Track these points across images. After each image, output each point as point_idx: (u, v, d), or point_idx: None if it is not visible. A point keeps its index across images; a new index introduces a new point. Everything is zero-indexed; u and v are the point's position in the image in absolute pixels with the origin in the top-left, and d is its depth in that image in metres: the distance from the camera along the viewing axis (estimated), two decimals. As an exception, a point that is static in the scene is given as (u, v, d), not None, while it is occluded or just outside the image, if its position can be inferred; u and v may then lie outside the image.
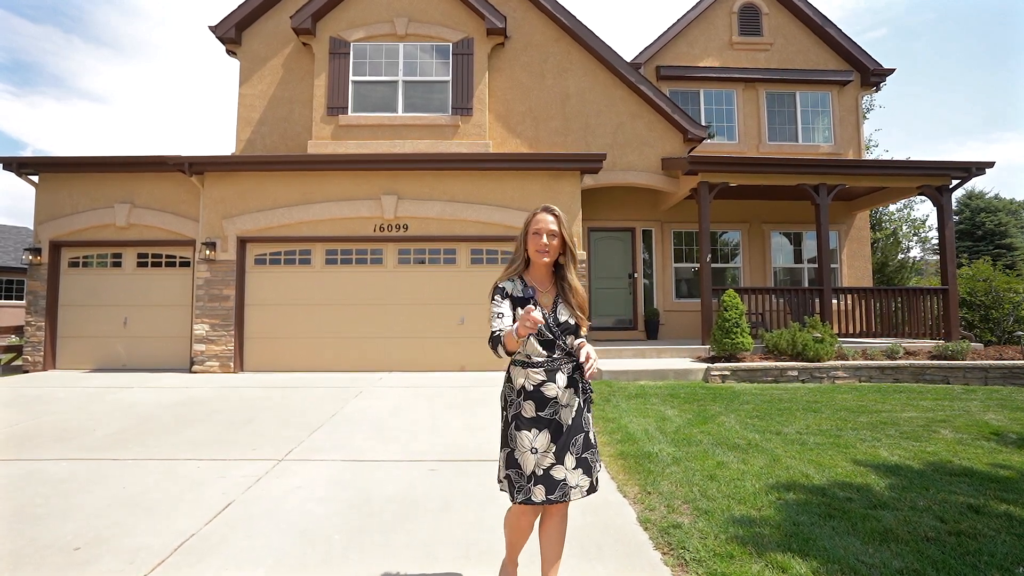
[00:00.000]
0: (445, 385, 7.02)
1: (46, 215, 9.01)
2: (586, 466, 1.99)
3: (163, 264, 9.07)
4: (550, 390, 1.98)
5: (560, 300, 2.05)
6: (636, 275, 10.84)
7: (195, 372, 8.24)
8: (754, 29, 11.72)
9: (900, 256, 15.78)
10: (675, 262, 11.06)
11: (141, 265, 9.05)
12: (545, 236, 2.02)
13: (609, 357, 8.33)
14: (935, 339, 8.80)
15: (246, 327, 8.47)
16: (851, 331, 9.02)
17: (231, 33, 9.62)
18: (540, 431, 1.96)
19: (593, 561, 2.46)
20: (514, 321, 2.00)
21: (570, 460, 1.96)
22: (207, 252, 8.36)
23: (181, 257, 9.06)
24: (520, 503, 1.96)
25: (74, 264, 9.10)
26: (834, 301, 9.20)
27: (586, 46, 9.88)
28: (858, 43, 11.77)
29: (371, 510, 3.05)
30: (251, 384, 7.25)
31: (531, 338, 1.97)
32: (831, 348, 7.43)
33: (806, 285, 11.12)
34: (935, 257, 20.68)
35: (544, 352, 2.00)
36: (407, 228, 8.60)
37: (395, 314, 8.49)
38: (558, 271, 2.10)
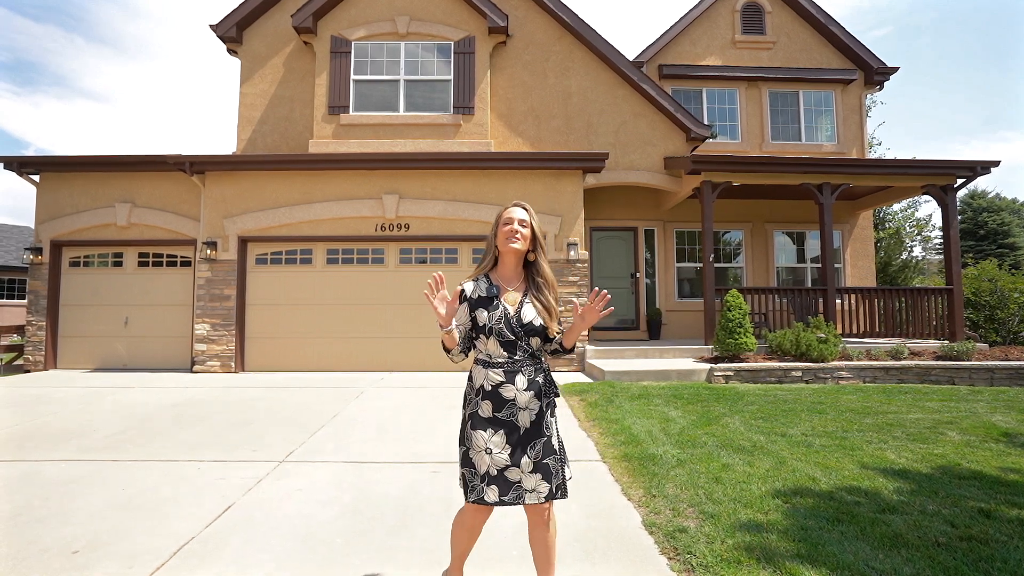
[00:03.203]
0: (447, 385, 6.99)
1: (47, 215, 8.99)
2: (545, 471, 1.93)
3: (164, 264, 9.05)
4: (508, 391, 1.95)
5: (529, 298, 2.01)
6: (638, 275, 10.80)
7: (196, 372, 8.22)
8: (757, 28, 11.66)
9: (903, 256, 15.70)
10: (677, 262, 11.01)
11: (142, 265, 9.04)
12: (516, 223, 2.01)
13: (611, 357, 8.29)
14: (940, 339, 8.74)
15: (247, 327, 8.44)
16: (855, 331, 8.97)
17: (232, 32, 9.59)
18: (496, 432, 1.93)
19: (598, 566, 2.43)
20: (474, 324, 1.99)
21: (527, 464, 1.92)
22: (208, 252, 8.33)
23: (182, 257, 9.04)
24: (472, 502, 1.94)
25: (75, 264, 9.08)
26: (838, 301, 9.14)
27: (588, 45, 9.83)
28: (861, 41, 11.69)
29: (373, 513, 3.01)
30: (252, 384, 7.22)
31: (492, 338, 1.95)
32: (835, 348, 7.37)
33: (809, 285, 11.07)
34: (937, 257, 20.62)
35: (505, 353, 1.96)
36: (408, 228, 8.57)
37: (396, 314, 8.45)
38: (528, 268, 2.08)
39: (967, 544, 2.51)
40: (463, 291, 2.04)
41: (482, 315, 1.97)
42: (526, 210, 2.06)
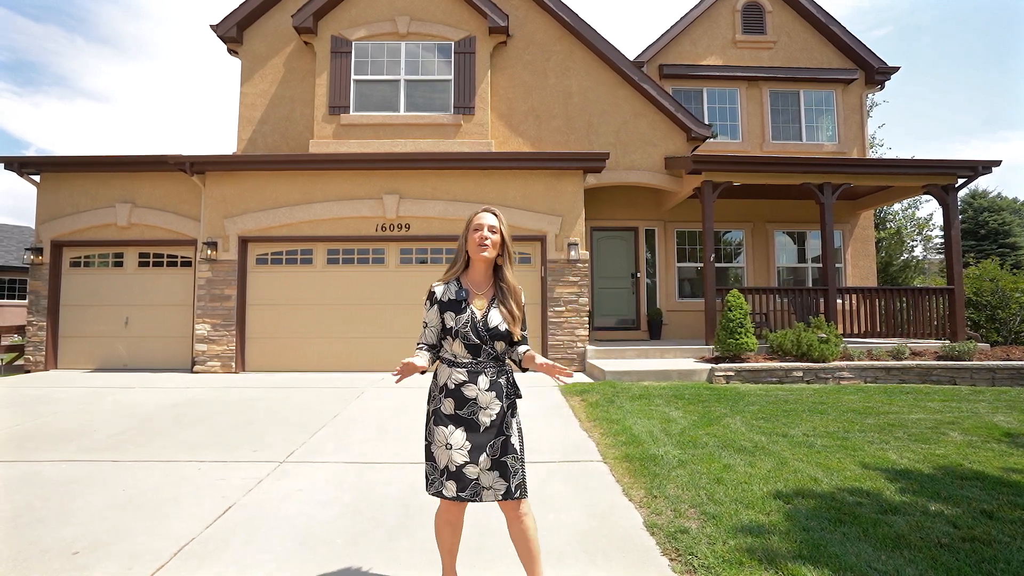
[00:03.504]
0: (447, 386, 6.96)
1: (47, 215, 8.99)
2: (504, 469, 2.00)
3: (164, 264, 9.05)
4: (470, 391, 2.02)
5: (495, 303, 2.09)
6: (639, 275, 10.79)
7: (196, 372, 8.22)
8: (758, 27, 11.64)
9: (904, 256, 15.67)
10: (678, 262, 11.00)
11: (143, 265, 9.03)
12: (486, 230, 2.08)
13: (612, 357, 8.28)
14: (941, 339, 8.72)
15: (247, 327, 8.44)
16: (856, 331, 8.95)
17: (232, 32, 9.59)
18: (457, 428, 2.01)
19: (600, 567, 2.42)
20: (443, 327, 2.07)
21: (485, 461, 1.99)
22: (208, 252, 8.33)
23: (183, 257, 9.04)
24: (431, 495, 2.04)
25: (75, 264, 9.08)
26: (839, 301, 9.13)
27: (589, 45, 9.83)
28: (862, 41, 11.67)
29: (373, 514, 3.01)
30: (252, 384, 7.22)
31: (457, 340, 2.03)
32: (836, 349, 7.36)
33: (810, 285, 11.06)
34: (938, 257, 20.59)
35: (469, 355, 2.04)
36: (409, 228, 8.56)
37: (397, 314, 8.44)
38: (496, 273, 2.14)
39: (970, 545, 2.50)
40: (433, 293, 2.12)
41: (450, 318, 2.05)
42: (496, 216, 2.11)
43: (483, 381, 2.03)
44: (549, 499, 3.19)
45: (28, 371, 8.67)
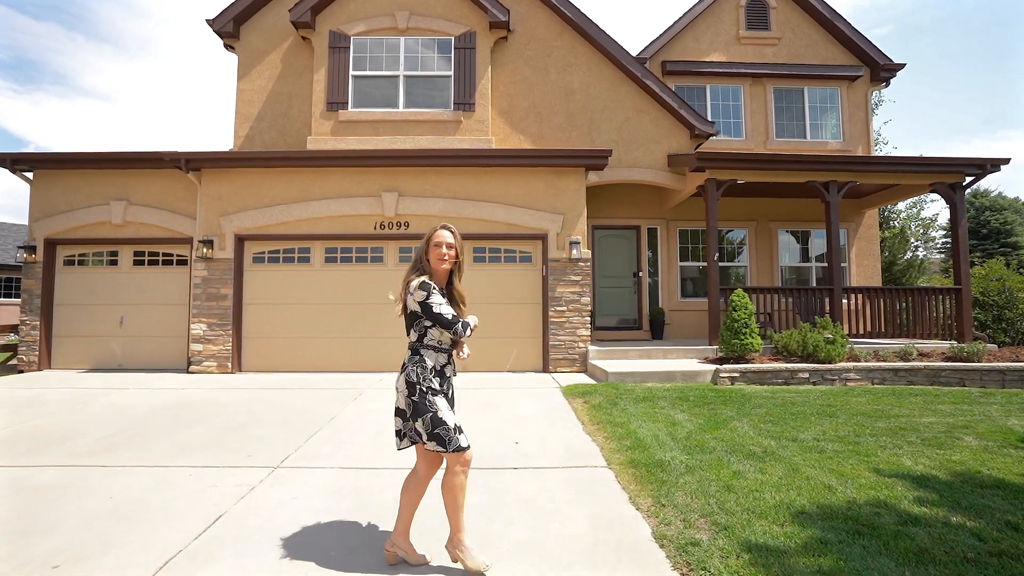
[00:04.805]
0: (447, 387, 6.84)
1: (41, 212, 8.85)
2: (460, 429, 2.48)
3: (160, 262, 8.91)
4: (448, 370, 2.56)
5: (450, 302, 2.56)
6: (641, 274, 10.66)
7: (192, 372, 8.09)
8: (762, 23, 11.50)
9: (907, 255, 15.55)
10: (681, 261, 10.87)
11: (137, 263, 8.90)
12: (444, 247, 2.52)
13: (615, 358, 8.15)
14: (947, 340, 8.60)
15: (244, 327, 8.31)
16: (861, 331, 8.83)
17: (229, 27, 9.44)
18: (444, 397, 2.47)
19: (608, 583, 2.30)
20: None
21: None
22: (204, 250, 8.19)
23: (178, 255, 8.90)
24: (457, 450, 2.35)
25: (69, 262, 8.94)
26: (844, 301, 9.01)
27: (591, 40, 9.68)
28: (867, 37, 11.52)
29: (372, 521, 2.89)
30: (248, 385, 7.09)
31: (445, 331, 2.50)
32: (842, 349, 7.23)
33: (814, 284, 10.93)
34: (939, 256, 20.48)
35: (449, 340, 2.54)
36: (408, 226, 8.43)
37: (396, 313, 8.30)
38: (448, 278, 2.60)
39: (998, 560, 2.37)
40: (437, 288, 2.50)
41: None
42: (452, 233, 2.56)
43: (452, 360, 2.58)
44: (553, 506, 3.07)
45: (21, 371, 8.54)
